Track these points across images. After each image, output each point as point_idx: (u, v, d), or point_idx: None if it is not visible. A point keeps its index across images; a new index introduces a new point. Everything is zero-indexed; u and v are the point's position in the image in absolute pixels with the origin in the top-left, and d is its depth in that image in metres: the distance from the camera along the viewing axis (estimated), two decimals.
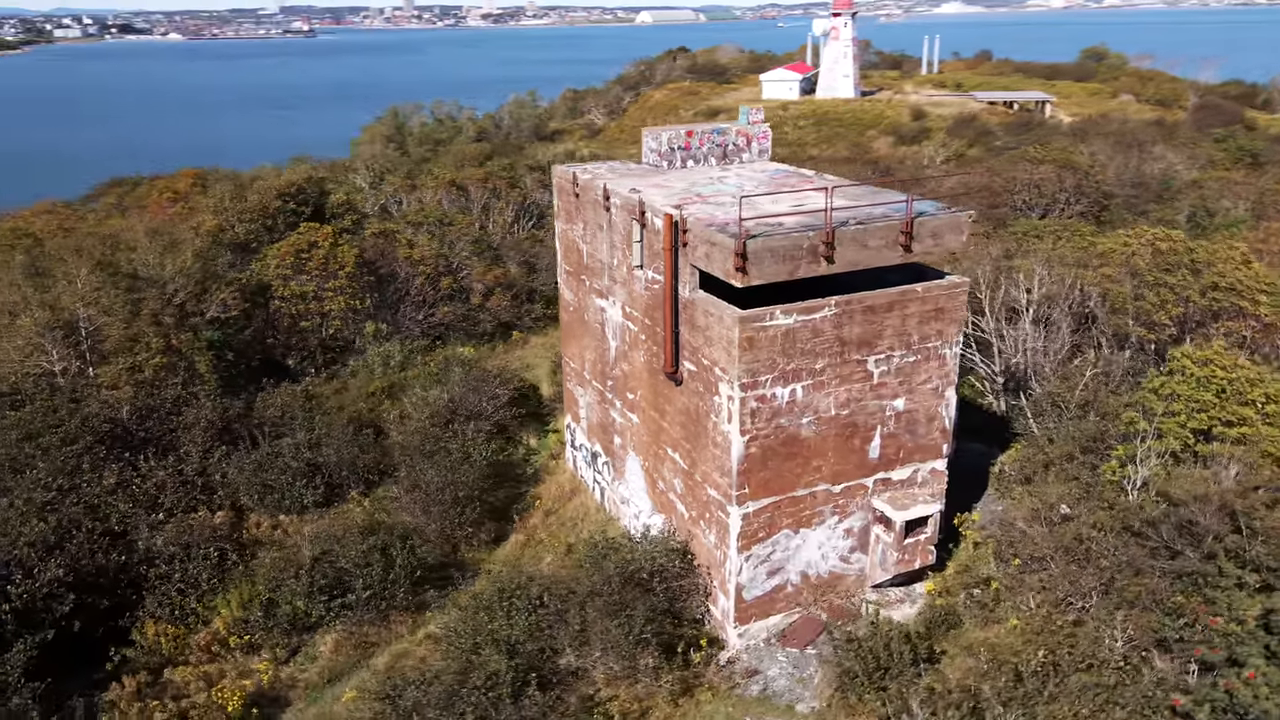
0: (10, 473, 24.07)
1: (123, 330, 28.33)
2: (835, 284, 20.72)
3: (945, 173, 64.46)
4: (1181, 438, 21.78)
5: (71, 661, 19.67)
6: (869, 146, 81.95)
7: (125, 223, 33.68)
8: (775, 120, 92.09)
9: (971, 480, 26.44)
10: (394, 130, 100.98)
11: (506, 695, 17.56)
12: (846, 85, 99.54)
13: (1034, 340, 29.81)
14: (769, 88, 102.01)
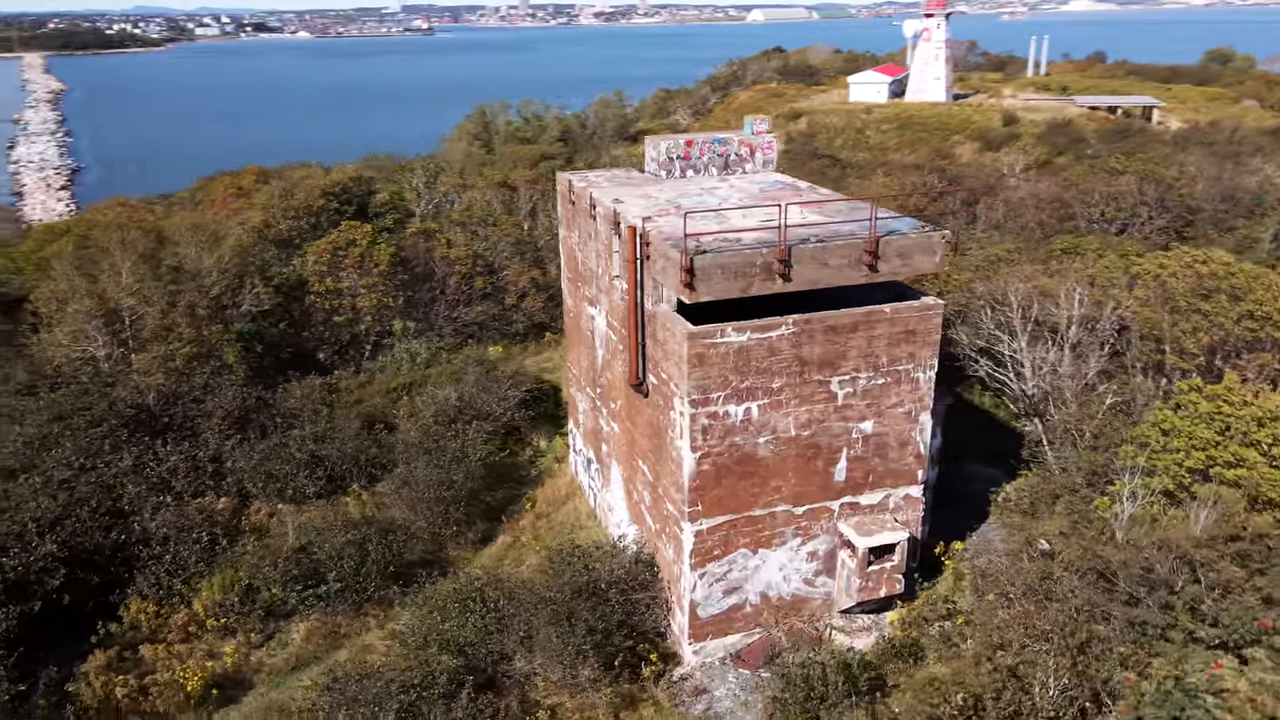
0: (40, 450, 25.83)
1: (158, 320, 30.00)
2: (822, 301, 20.29)
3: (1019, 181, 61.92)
4: (1177, 476, 20.50)
5: (61, 633, 21.03)
6: (951, 152, 79.29)
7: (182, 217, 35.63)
8: (856, 124, 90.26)
9: (976, 507, 25.56)
10: (481, 128, 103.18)
11: (438, 695, 17.92)
12: (938, 88, 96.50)
13: (1057, 364, 28.47)
14: (856, 90, 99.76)
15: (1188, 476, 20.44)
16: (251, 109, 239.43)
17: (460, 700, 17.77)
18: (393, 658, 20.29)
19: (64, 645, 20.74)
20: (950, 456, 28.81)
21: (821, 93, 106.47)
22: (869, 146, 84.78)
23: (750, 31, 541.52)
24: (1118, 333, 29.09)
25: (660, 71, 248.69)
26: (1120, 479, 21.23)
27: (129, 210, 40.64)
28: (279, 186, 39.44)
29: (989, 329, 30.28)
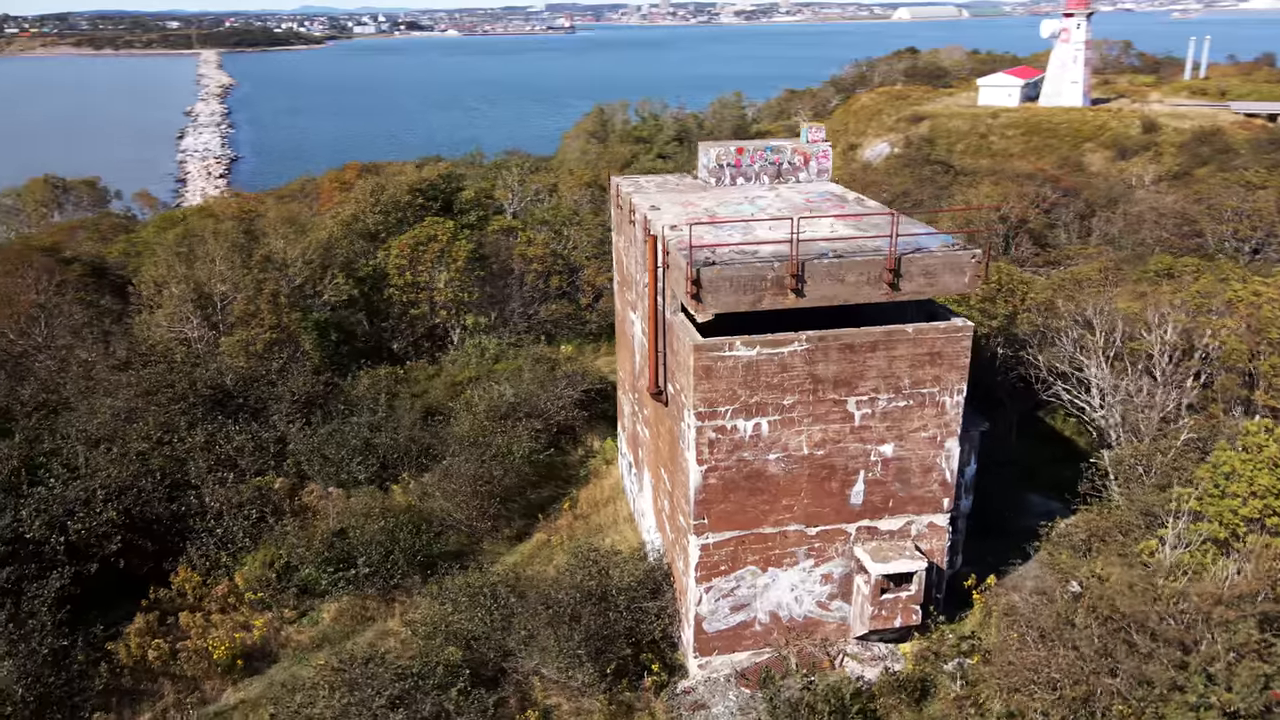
0: (125, 422, 27.93)
1: (243, 307, 31.92)
2: (855, 317, 19.74)
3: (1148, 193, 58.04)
4: (1230, 524, 18.88)
5: (117, 595, 22.72)
6: (1079, 161, 75.01)
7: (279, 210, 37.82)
8: (980, 129, 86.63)
9: (1027, 541, 24.26)
10: (599, 127, 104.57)
11: (433, 685, 18.43)
12: (1074, 92, 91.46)
13: (1133, 393, 26.67)
14: (986, 93, 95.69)
15: (1242, 525, 18.80)
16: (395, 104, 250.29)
17: (450, 694, 18.18)
18: (403, 644, 20.99)
19: (118, 606, 22.37)
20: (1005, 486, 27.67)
21: (949, 95, 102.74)
22: (991, 153, 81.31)
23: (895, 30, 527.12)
24: (1204, 362, 27.01)
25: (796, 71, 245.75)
26: (1171, 522, 19.74)
27: (240, 202, 43.30)
28: (371, 182, 41.23)
29: (1070, 352, 28.70)
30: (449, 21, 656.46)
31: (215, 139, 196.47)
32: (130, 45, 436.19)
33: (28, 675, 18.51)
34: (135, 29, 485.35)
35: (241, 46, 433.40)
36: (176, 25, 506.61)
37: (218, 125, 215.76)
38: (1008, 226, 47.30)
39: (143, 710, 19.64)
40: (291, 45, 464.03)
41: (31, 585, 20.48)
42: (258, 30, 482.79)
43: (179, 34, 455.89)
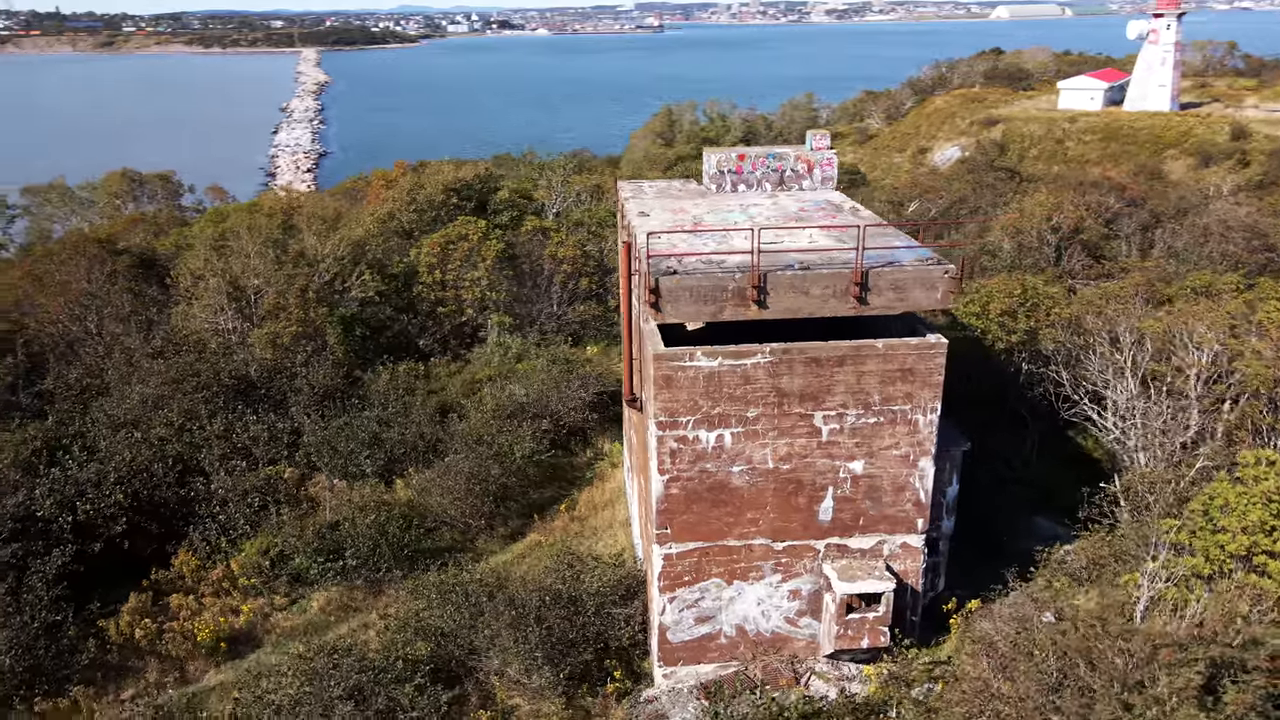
0: (152, 408, 29.24)
1: (273, 300, 33.04)
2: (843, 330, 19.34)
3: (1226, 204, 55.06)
4: (1216, 559, 17.90)
5: (121, 575, 23.81)
6: (1159, 168, 71.62)
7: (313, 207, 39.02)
8: (1056, 134, 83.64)
9: (1026, 565, 23.43)
10: (666, 128, 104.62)
11: (391, 679, 18.83)
12: (1161, 96, 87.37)
13: (1149, 416, 25.48)
14: (1066, 96, 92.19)
15: (1229, 562, 17.80)
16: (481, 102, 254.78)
17: (404, 689, 18.54)
18: (380, 637, 21.48)
19: (122, 585, 23.44)
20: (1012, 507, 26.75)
21: (1028, 99, 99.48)
22: (1065, 159, 78.45)
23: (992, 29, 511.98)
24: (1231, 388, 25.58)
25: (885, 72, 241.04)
26: (1157, 554, 18.83)
27: (290, 198, 44.78)
28: (411, 181, 42.14)
29: (1096, 369, 27.59)
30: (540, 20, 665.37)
31: (306, 134, 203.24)
32: (237, 44, 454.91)
33: (19, 647, 19.59)
34: (242, 28, 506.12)
35: (340, 45, 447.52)
36: (280, 24, 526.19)
37: (310, 121, 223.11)
38: (1059, 237, 45.57)
39: (126, 686, 20.57)
40: (387, 44, 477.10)
41: (36, 561, 21.61)
42: (355, 29, 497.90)
43: (282, 33, 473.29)
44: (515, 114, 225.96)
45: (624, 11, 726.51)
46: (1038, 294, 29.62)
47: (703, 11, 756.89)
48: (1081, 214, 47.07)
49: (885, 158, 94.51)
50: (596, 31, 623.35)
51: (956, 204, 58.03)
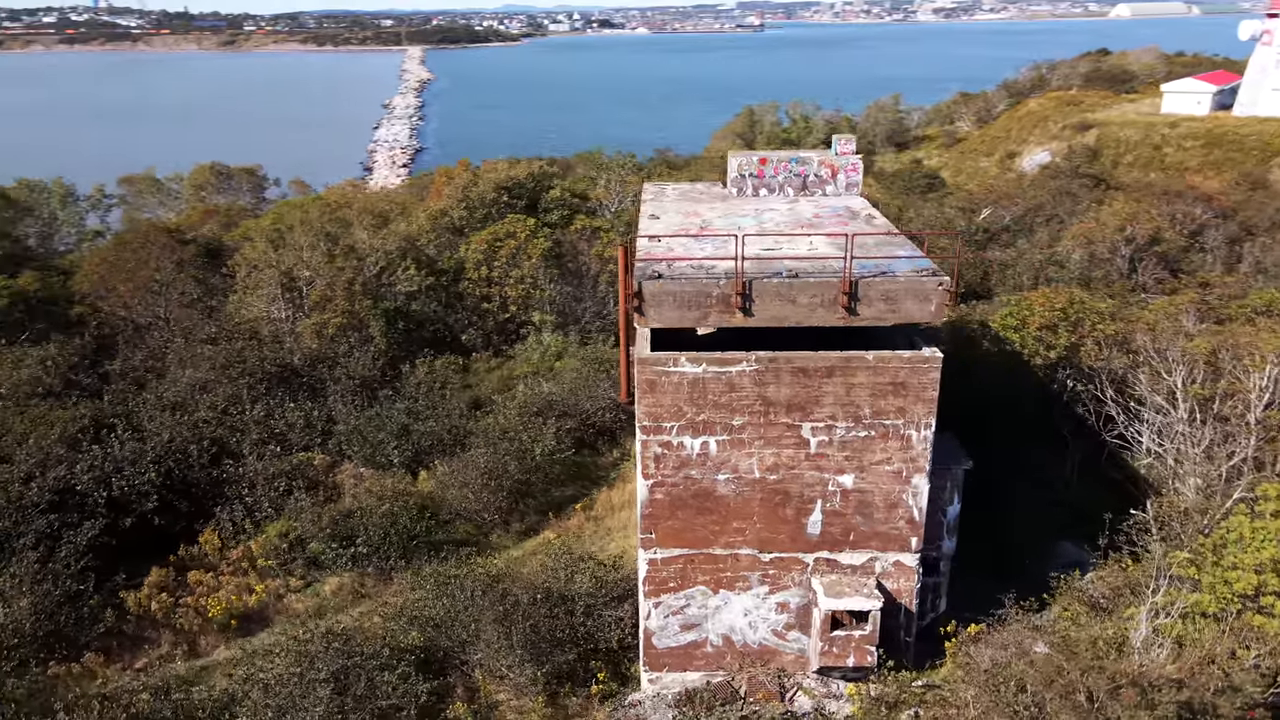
0: (200, 392, 30.67)
1: (320, 292, 34.23)
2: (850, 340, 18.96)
3: None
4: (1223, 597, 16.83)
5: (152, 549, 25.03)
6: (1265, 178, 67.30)
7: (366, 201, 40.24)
8: (1154, 140, 79.62)
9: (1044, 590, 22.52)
10: (747, 128, 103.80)
11: (377, 666, 19.30)
12: (1273, 101, 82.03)
13: (1192, 441, 24.12)
14: (1170, 100, 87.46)
15: (1235, 601, 16.72)
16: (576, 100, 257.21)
17: (385, 675, 18.96)
18: (380, 623, 22.04)
19: (151, 560, 24.64)
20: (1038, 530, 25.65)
21: (1129, 102, 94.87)
22: (1163, 166, 74.59)
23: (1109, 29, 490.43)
24: None
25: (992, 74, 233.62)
26: (1163, 589, 17.82)
27: (358, 191, 46.23)
28: (465, 178, 42.97)
29: (1143, 390, 26.25)
30: (640, 19, 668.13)
31: (405, 130, 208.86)
32: (348, 42, 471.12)
33: (42, 612, 20.82)
34: (354, 27, 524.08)
35: (445, 43, 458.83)
36: (390, 23, 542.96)
37: (410, 117, 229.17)
38: (1133, 248, 43.44)
39: (140, 656, 21.64)
40: (489, 42, 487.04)
41: (69, 533, 22.93)
42: (460, 28, 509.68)
43: (390, 31, 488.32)
44: (610, 112, 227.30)
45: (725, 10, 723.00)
46: (1083, 308, 28.31)
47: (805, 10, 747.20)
48: (1159, 224, 44.78)
49: (971, 162, 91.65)
50: (696, 30, 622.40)
51: (1032, 211, 55.87)
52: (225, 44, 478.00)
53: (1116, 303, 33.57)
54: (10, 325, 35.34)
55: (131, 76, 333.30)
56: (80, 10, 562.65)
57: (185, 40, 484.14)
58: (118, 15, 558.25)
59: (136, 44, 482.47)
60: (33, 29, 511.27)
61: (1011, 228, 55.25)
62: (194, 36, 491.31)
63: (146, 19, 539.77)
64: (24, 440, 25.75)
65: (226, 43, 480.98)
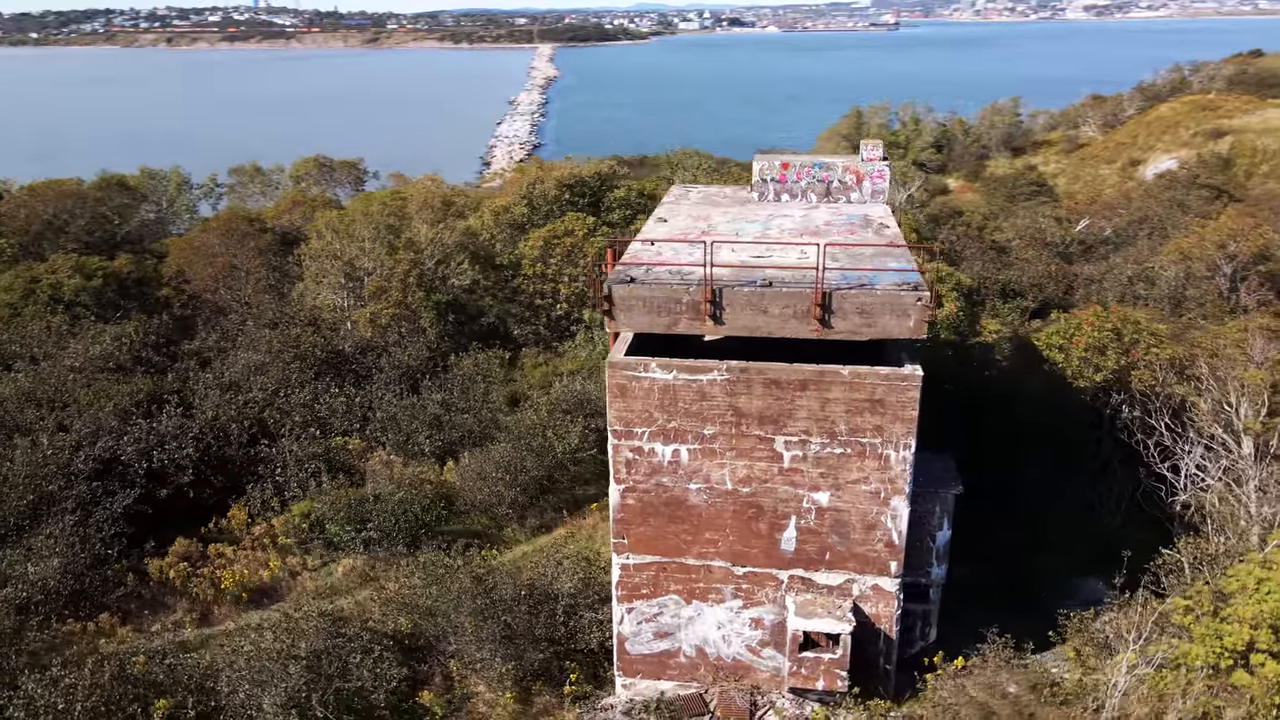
0: (255, 374, 32.30)
1: (376, 283, 35.48)
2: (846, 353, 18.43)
3: None
4: (1214, 650, 15.47)
5: (186, 520, 26.53)
6: None
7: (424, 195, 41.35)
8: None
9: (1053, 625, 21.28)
10: (853, 130, 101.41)
11: (355, 649, 19.91)
12: None
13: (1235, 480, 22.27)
14: None
15: (1226, 656, 15.32)
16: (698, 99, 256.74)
17: (359, 658, 19.51)
18: (373, 607, 22.73)
19: (185, 530, 26.12)
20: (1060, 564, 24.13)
21: (1275, 107, 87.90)
22: None
23: None
24: None
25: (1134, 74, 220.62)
26: (1155, 638, 16.55)
27: (436, 186, 47.67)
28: (531, 175, 43.63)
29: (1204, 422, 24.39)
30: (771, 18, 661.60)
31: (526, 126, 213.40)
32: (483, 40, 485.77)
33: (70, 573, 22.38)
34: (489, 25, 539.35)
35: (575, 41, 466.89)
36: (524, 21, 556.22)
37: (532, 114, 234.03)
38: (1235, 265, 40.28)
39: (155, 621, 22.99)
40: (618, 40, 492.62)
41: (106, 500, 24.57)
42: (590, 26, 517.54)
43: (523, 29, 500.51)
44: (729, 111, 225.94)
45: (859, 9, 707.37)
46: (1136, 329, 26.45)
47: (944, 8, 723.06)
48: (1269, 240, 41.41)
49: (1091, 169, 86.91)
50: (828, 29, 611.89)
51: (1136, 223, 52.53)
52: (369, 41, 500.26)
53: (1179, 325, 31.27)
54: (104, 304, 38.08)
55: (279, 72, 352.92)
56: (242, 10, 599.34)
57: (332, 38, 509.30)
58: (275, 14, 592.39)
59: (290, 41, 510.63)
60: (199, 27, 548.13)
61: (1112, 240, 52.14)
62: (340, 34, 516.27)
63: (300, 18, 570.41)
64: (84, 411, 27.70)
65: (370, 40, 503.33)
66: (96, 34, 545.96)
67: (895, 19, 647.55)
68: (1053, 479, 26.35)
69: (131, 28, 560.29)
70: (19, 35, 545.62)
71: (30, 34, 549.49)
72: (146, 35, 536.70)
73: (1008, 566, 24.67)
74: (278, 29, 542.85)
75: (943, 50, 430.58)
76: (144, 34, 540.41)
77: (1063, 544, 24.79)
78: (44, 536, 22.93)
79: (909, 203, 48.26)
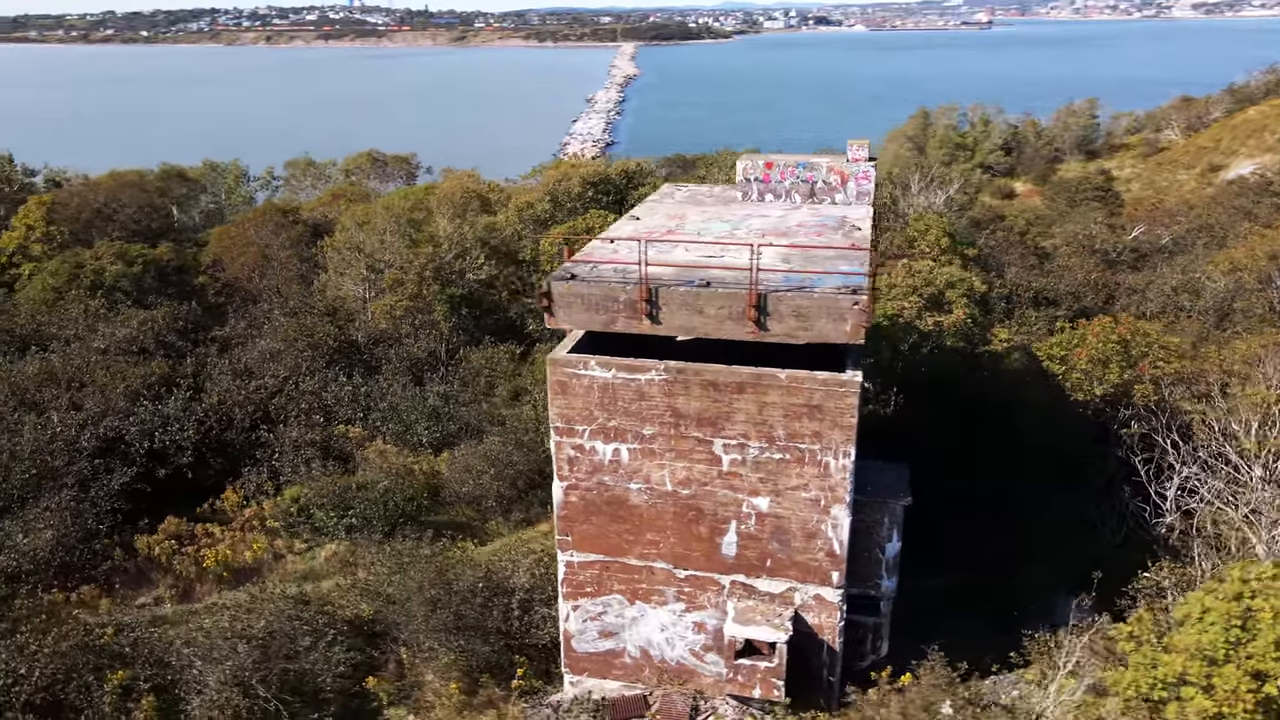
0: (270, 361, 33.31)
1: (392, 275, 36.18)
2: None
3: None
4: (1147, 680, 14.65)
5: (184, 499, 27.49)
6: None
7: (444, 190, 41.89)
8: None
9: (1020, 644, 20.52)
10: (918, 131, 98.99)
11: (308, 631, 20.37)
12: None
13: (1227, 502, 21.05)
14: None
15: (1160, 688, 14.49)
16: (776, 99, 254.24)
17: (306, 641, 19.92)
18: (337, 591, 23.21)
19: (183, 510, 27.09)
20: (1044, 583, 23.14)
21: None
22: None
23: None
24: None
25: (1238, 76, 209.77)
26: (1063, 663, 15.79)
27: (472, 181, 48.32)
28: (561, 172, 43.83)
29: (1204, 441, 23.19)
30: (859, 17, 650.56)
31: (600, 124, 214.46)
32: (567, 38, 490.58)
33: (62, 546, 23.43)
34: (574, 24, 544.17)
35: (658, 40, 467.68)
36: (608, 20, 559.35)
37: (608, 112, 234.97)
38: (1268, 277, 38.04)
39: (139, 595, 23.91)
40: (701, 39, 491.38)
41: (105, 477, 25.64)
42: (674, 25, 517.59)
43: (607, 28, 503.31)
44: (803, 112, 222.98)
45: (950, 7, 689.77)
46: (1145, 341, 25.18)
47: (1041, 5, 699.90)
48: None
49: (1168, 174, 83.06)
50: (918, 28, 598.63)
51: (1194, 231, 50.01)
52: (456, 40, 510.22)
53: (1221, 338, 29.64)
54: (143, 290, 39.75)
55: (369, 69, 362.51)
56: (338, 9, 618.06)
57: (421, 36, 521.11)
58: (367, 13, 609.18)
59: (381, 40, 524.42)
60: (296, 26, 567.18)
61: (1168, 249, 49.78)
62: (429, 32, 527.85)
63: (391, 16, 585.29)
64: (99, 391, 28.96)
65: (458, 38, 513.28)
66: (202, 32, 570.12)
67: (988, 17, 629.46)
68: (1054, 493, 25.32)
69: (234, 26, 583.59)
70: (130, 33, 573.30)
71: (141, 32, 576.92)
72: (248, 34, 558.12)
73: (995, 579, 23.85)
74: (370, 27, 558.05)
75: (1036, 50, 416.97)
76: (245, 32, 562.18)
77: (1054, 560, 23.82)
78: (41, 509, 24.03)
79: (947, 205, 46.88)
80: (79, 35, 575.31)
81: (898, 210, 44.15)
